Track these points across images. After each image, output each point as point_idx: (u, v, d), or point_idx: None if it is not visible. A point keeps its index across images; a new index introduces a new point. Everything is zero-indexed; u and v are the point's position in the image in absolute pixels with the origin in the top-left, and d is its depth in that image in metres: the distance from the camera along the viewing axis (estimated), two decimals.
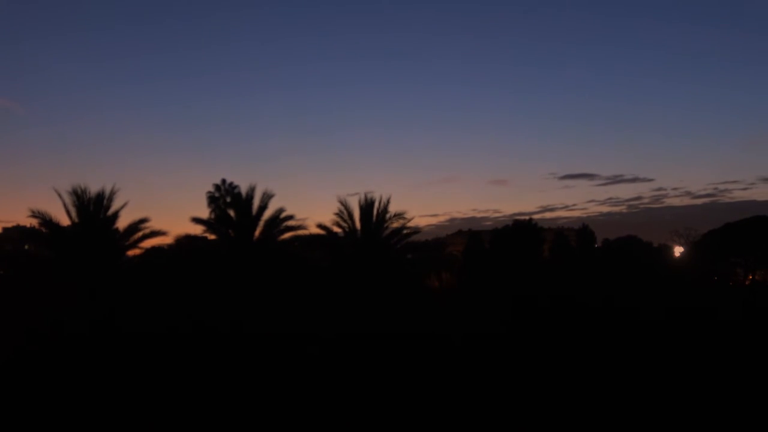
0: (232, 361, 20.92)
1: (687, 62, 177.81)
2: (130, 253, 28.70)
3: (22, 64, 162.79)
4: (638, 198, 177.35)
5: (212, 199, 29.28)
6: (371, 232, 30.63)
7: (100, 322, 23.83)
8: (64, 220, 26.94)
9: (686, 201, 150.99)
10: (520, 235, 47.70)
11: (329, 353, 21.92)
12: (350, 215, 30.65)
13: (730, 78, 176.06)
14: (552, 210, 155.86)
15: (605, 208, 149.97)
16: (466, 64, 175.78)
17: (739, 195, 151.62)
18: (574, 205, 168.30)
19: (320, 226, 30.41)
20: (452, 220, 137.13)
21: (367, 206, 30.55)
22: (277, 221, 29.24)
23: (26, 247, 30.40)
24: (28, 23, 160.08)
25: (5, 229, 53.66)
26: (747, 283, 47.55)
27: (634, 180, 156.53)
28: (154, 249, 30.61)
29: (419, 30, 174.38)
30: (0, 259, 29.38)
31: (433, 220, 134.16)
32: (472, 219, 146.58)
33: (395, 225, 30.87)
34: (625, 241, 57.29)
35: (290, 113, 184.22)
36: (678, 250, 53.98)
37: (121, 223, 27.70)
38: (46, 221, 26.70)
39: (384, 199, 30.55)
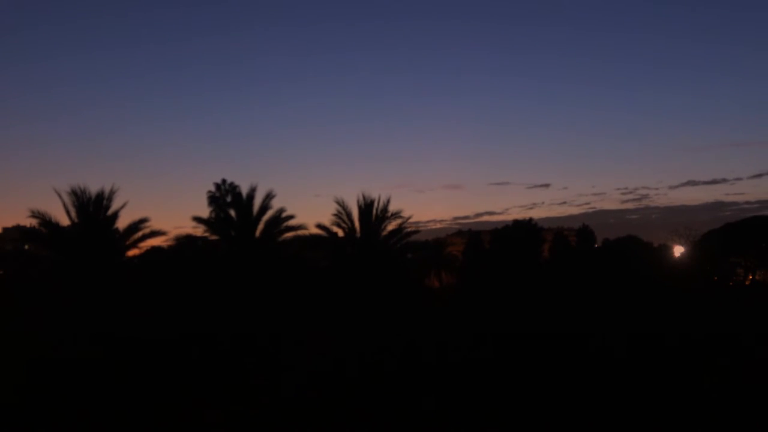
0: (232, 361, 20.89)
1: (615, 68, 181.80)
2: (130, 253, 28.69)
3: (23, 64, 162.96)
4: (571, 203, 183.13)
5: (213, 199, 29.30)
6: (370, 232, 30.62)
7: (100, 323, 23.79)
8: (64, 220, 26.95)
9: (617, 204, 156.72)
10: (521, 235, 47.66)
11: (329, 353, 21.88)
12: (348, 215, 30.65)
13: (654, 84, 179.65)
14: (493, 214, 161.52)
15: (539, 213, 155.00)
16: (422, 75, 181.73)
17: (663, 201, 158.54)
18: (531, 206, 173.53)
19: (319, 226, 30.43)
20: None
21: (365, 206, 30.54)
22: (278, 221, 29.23)
23: (26, 247, 30.36)
24: (28, 20, 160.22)
25: (5, 229, 53.70)
26: (747, 283, 47.54)
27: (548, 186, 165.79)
28: (154, 249, 30.62)
29: (378, 43, 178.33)
30: (0, 259, 29.35)
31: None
32: (416, 222, 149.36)
33: (394, 225, 30.91)
34: (626, 241, 57.16)
35: (290, 114, 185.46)
36: (678, 250, 53.84)
37: (121, 223, 27.72)
38: (46, 221, 26.66)
39: (383, 199, 30.59)
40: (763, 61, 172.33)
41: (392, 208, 30.91)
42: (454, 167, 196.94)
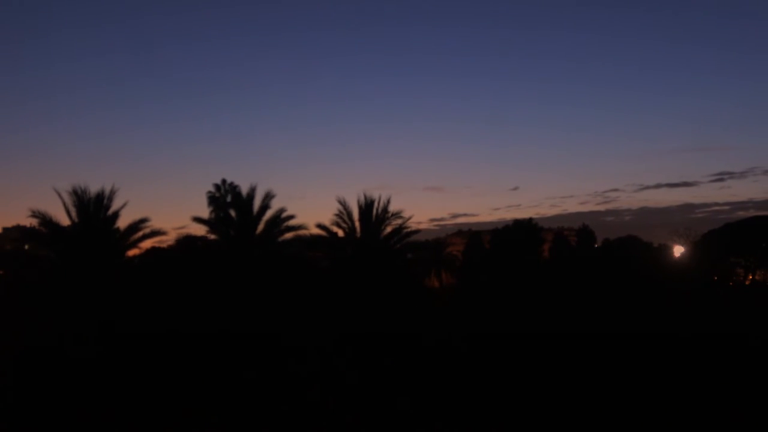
0: (232, 361, 20.87)
1: (579, 69, 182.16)
2: (131, 253, 28.62)
3: (22, 63, 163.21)
4: (541, 205, 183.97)
5: (213, 199, 29.30)
6: (371, 232, 30.58)
7: (101, 323, 23.75)
8: (64, 220, 26.87)
9: (589, 207, 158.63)
10: (521, 235, 47.62)
11: (329, 353, 21.87)
12: (349, 215, 30.61)
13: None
14: (468, 216, 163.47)
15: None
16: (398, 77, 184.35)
17: (632, 203, 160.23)
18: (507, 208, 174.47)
19: (320, 226, 30.37)
20: None
21: (366, 206, 30.50)
22: (278, 221, 29.17)
23: (26, 247, 30.31)
24: (29, 26, 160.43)
25: (5, 229, 53.69)
26: (747, 283, 47.47)
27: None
28: (155, 249, 30.60)
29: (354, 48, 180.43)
30: (0, 259, 29.30)
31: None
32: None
33: (394, 225, 30.86)
34: (626, 241, 57.09)
35: (290, 113, 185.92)
36: (678, 250, 53.81)
37: (122, 223, 27.65)
38: (46, 221, 26.60)
39: (383, 199, 30.55)
40: (728, 67, 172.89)
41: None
42: (436, 169, 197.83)
